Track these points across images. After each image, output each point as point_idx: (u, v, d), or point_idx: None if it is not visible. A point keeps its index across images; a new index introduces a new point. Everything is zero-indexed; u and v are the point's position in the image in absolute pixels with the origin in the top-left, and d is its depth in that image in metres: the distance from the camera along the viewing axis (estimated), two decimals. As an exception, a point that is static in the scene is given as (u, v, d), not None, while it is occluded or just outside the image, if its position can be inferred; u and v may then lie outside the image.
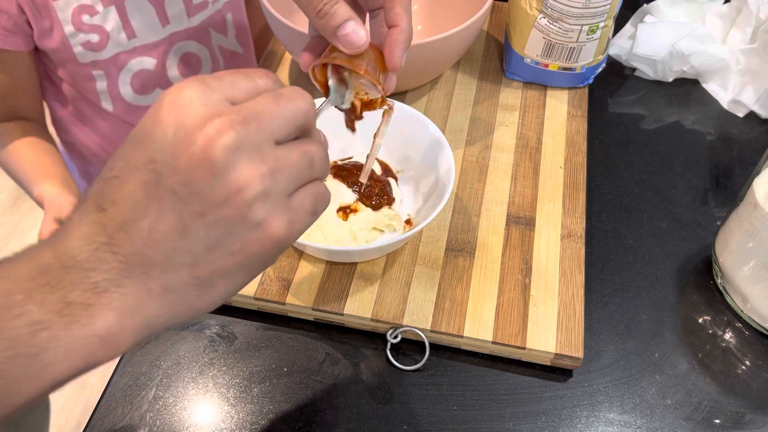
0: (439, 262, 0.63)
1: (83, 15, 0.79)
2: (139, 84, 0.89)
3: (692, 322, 0.63)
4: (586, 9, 0.71)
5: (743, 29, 0.84)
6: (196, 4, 0.87)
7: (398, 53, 0.46)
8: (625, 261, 0.67)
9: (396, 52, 0.46)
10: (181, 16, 0.86)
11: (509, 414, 0.56)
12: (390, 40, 0.46)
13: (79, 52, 0.82)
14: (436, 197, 0.63)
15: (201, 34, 0.90)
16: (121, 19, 0.81)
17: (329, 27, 0.43)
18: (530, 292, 0.61)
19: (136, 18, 0.82)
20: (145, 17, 0.83)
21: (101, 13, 0.80)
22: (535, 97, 0.80)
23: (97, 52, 0.83)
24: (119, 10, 0.81)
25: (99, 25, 0.81)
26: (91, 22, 0.80)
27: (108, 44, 0.83)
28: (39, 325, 0.30)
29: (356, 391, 0.57)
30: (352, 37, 0.43)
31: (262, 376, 0.58)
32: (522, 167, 0.72)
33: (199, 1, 0.87)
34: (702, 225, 0.70)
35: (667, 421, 0.56)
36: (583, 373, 0.59)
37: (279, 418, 0.56)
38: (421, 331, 0.59)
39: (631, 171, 0.76)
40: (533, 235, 0.66)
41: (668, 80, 0.86)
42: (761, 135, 0.80)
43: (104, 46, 0.83)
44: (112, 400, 0.57)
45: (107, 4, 0.80)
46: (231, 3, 0.93)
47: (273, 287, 0.61)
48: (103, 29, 0.81)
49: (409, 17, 0.47)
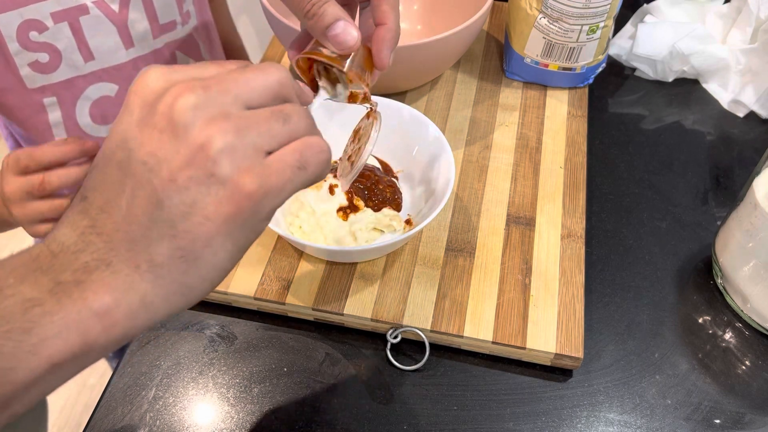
0: (439, 262, 0.63)
1: (30, 31, 0.70)
2: (99, 113, 0.80)
3: (692, 322, 0.63)
4: (586, 9, 0.71)
5: (743, 29, 0.84)
6: (163, 24, 0.79)
7: (386, 52, 0.45)
8: (625, 261, 0.67)
9: (383, 51, 0.45)
10: (146, 37, 0.78)
11: (509, 414, 0.56)
12: (377, 39, 0.45)
13: (26, 74, 0.73)
14: (436, 197, 0.63)
15: (170, 58, 0.82)
16: (76, 37, 0.72)
17: (318, 27, 0.43)
18: (530, 292, 0.61)
19: (94, 38, 0.73)
20: (104, 38, 0.74)
21: (51, 30, 0.71)
22: (535, 97, 0.80)
23: (47, 75, 0.73)
24: (73, 27, 0.72)
25: (49, 43, 0.71)
26: (40, 39, 0.71)
27: (60, 65, 0.73)
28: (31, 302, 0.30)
29: (356, 391, 0.57)
30: (342, 37, 0.43)
31: (262, 376, 0.58)
32: (522, 167, 0.72)
33: (166, 21, 0.79)
34: (702, 225, 0.70)
35: (667, 421, 0.56)
36: (583, 373, 0.59)
37: (279, 418, 0.56)
38: (421, 331, 0.59)
39: (631, 171, 0.76)
40: (533, 235, 0.66)
41: (668, 80, 0.86)
42: (761, 135, 0.80)
43: (56, 67, 0.73)
44: (112, 400, 0.57)
45: (58, 20, 0.71)
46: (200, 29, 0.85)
47: (273, 287, 0.61)
48: (53, 48, 0.72)
49: (397, 15, 0.46)
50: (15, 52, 0.70)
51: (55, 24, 0.70)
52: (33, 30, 0.70)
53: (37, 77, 0.73)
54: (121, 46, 0.76)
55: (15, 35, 0.69)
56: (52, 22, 0.70)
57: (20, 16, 0.69)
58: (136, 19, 0.75)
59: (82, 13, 0.71)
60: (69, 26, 0.71)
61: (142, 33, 0.77)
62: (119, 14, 0.74)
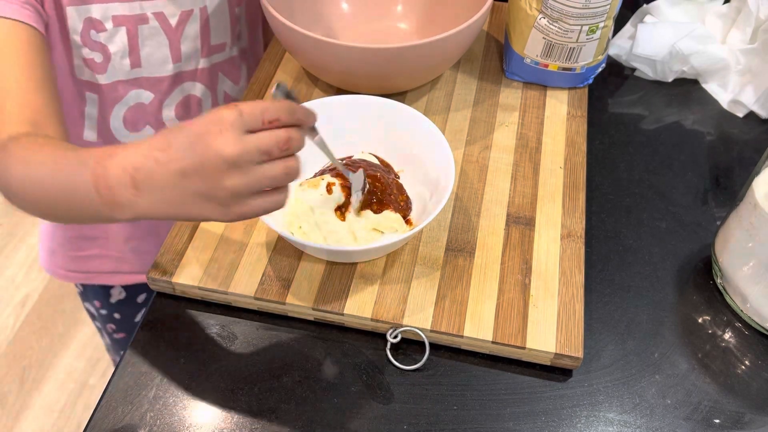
0: (439, 262, 0.63)
1: (91, 30, 0.72)
2: (132, 119, 0.80)
3: (692, 322, 0.63)
4: (586, 9, 0.71)
5: (743, 29, 0.84)
6: (213, 45, 0.80)
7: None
8: (625, 261, 0.67)
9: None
10: (195, 55, 0.79)
11: (509, 414, 0.56)
12: None
13: (78, 64, 0.74)
14: (436, 197, 0.63)
15: (211, 77, 0.83)
16: (130, 43, 0.74)
17: None
18: (530, 292, 0.61)
19: (146, 47, 0.75)
20: (155, 49, 0.76)
21: (109, 32, 0.73)
22: (535, 97, 0.80)
23: (97, 75, 0.75)
24: (129, 33, 0.73)
25: (103, 44, 0.73)
26: (97, 38, 0.73)
27: (108, 69, 0.75)
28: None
29: (356, 391, 0.57)
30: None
31: (262, 376, 0.58)
32: (522, 167, 0.72)
33: (217, 42, 0.81)
34: (702, 225, 0.71)
35: (667, 420, 0.56)
36: (583, 373, 0.59)
37: (279, 418, 0.56)
38: (421, 330, 0.59)
39: (631, 171, 0.76)
40: (533, 235, 0.66)
41: (668, 80, 0.86)
42: (761, 135, 0.80)
43: (104, 69, 0.75)
44: (113, 400, 0.57)
45: (118, 24, 0.72)
46: (248, 52, 0.87)
47: (273, 287, 0.61)
48: (106, 49, 0.74)
49: None
50: (75, 45, 0.72)
51: (114, 27, 0.72)
52: (92, 29, 0.72)
53: (86, 72, 0.75)
54: (168, 60, 0.77)
55: (80, 29, 0.71)
56: (111, 24, 0.72)
57: (86, 12, 0.70)
58: (190, 36, 0.77)
59: (142, 22, 0.73)
60: (126, 32, 0.73)
61: (192, 51, 0.78)
62: (175, 30, 0.75)
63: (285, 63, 0.85)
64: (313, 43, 0.70)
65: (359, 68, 0.71)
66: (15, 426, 1.48)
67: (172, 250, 0.63)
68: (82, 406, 1.52)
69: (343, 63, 0.71)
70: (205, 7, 0.77)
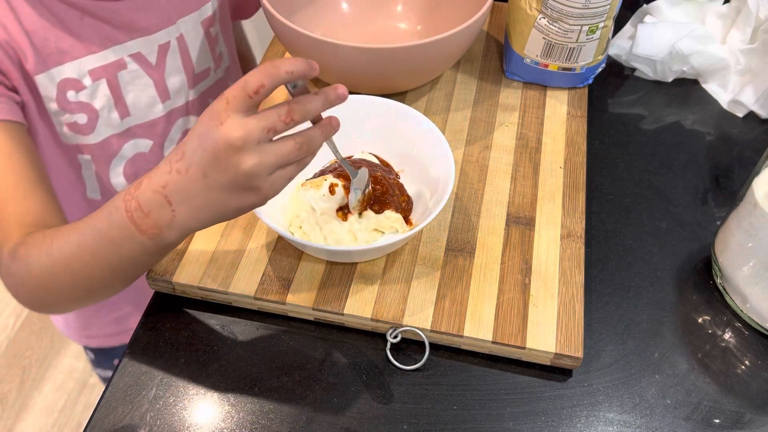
0: (439, 262, 0.63)
1: (68, 91, 0.67)
2: (133, 172, 0.76)
3: (692, 322, 0.63)
4: (585, 9, 0.71)
5: (743, 29, 0.84)
6: (198, 73, 0.77)
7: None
8: (625, 261, 0.67)
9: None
10: (182, 88, 0.76)
11: (509, 414, 0.56)
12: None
13: (63, 132, 0.70)
14: (436, 197, 0.63)
15: (202, 106, 0.80)
16: (113, 94, 0.70)
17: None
18: (530, 292, 0.61)
19: (131, 93, 0.71)
20: (141, 92, 0.72)
21: (89, 88, 0.68)
22: (535, 97, 0.80)
23: (85, 136, 0.71)
24: (111, 84, 0.69)
25: (87, 103, 0.68)
26: (78, 99, 0.68)
27: (97, 126, 0.70)
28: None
29: (356, 391, 0.57)
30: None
31: (262, 376, 0.58)
32: (522, 167, 0.72)
33: (201, 69, 0.78)
34: (702, 225, 0.71)
35: (667, 420, 0.57)
36: (583, 373, 0.59)
37: (279, 418, 0.56)
38: (421, 330, 0.59)
39: (631, 171, 0.76)
40: (533, 235, 0.66)
41: (668, 80, 0.86)
42: (761, 135, 0.80)
43: (93, 128, 0.70)
44: (113, 399, 0.57)
45: (96, 78, 0.68)
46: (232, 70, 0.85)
47: (273, 287, 0.61)
48: (91, 108, 0.69)
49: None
50: (53, 112, 0.68)
51: (93, 82, 0.68)
52: (70, 89, 0.67)
53: (72, 137, 0.71)
54: (157, 101, 0.74)
55: (54, 95, 0.67)
56: (90, 80, 0.68)
57: (59, 74, 0.66)
58: (173, 70, 0.74)
59: (120, 69, 0.69)
60: (107, 83, 0.69)
61: (179, 85, 0.75)
62: (156, 67, 0.72)
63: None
64: (313, 43, 0.70)
65: (359, 68, 0.71)
66: (15, 426, 1.48)
67: (173, 250, 0.63)
68: (82, 406, 1.52)
69: (343, 63, 0.71)
70: (181, 36, 0.73)
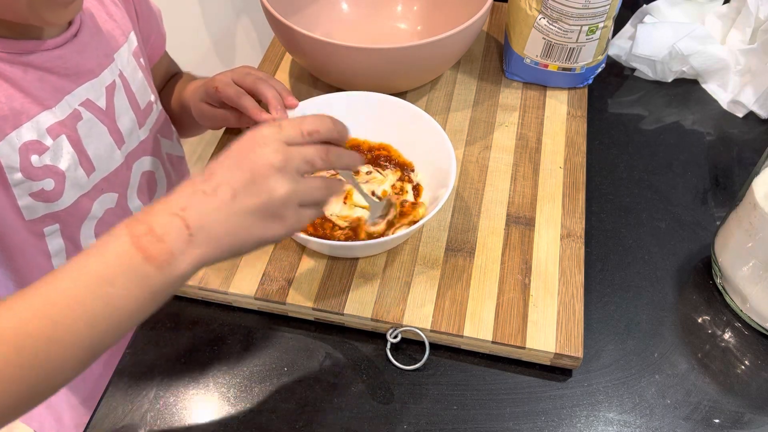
0: (439, 261, 0.63)
1: (31, 155, 0.60)
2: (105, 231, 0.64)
3: (692, 321, 0.63)
4: (585, 9, 0.71)
5: (743, 29, 0.84)
6: (144, 108, 0.73)
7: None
8: (625, 261, 0.67)
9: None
10: (134, 128, 0.71)
11: (509, 413, 0.56)
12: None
13: (25, 204, 0.62)
14: (436, 196, 0.63)
15: (153, 143, 0.76)
16: (76, 149, 0.64)
17: None
18: (530, 292, 0.61)
19: (91, 145, 0.65)
20: (99, 141, 0.67)
21: (52, 148, 0.61)
22: (534, 97, 0.80)
23: (52, 203, 0.64)
24: (72, 139, 0.63)
25: (51, 166, 0.62)
26: (43, 162, 0.61)
27: (65, 189, 0.64)
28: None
29: (356, 391, 0.58)
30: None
31: (262, 376, 0.58)
32: (522, 167, 0.72)
33: (145, 103, 0.73)
34: (701, 225, 0.71)
35: (667, 420, 0.57)
36: (583, 373, 0.59)
37: (279, 418, 0.56)
38: (421, 330, 0.59)
39: (631, 171, 0.76)
40: (533, 235, 0.66)
41: (668, 80, 0.86)
42: (761, 135, 0.80)
43: (60, 193, 0.64)
44: (113, 400, 0.57)
45: (56, 134, 0.62)
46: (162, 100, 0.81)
47: (273, 287, 0.61)
48: (56, 170, 0.62)
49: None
50: (16, 183, 0.60)
51: (54, 140, 0.62)
52: (33, 153, 0.60)
53: (39, 207, 0.63)
54: (114, 147, 0.69)
55: (18, 163, 0.60)
56: (50, 139, 0.61)
57: (19, 138, 0.59)
58: (122, 111, 0.69)
59: (77, 120, 0.64)
60: (67, 139, 0.63)
61: (129, 126, 0.71)
62: (107, 111, 0.67)
63: (285, 63, 0.85)
64: (313, 43, 0.70)
65: (359, 68, 0.71)
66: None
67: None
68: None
69: (343, 63, 0.71)
70: (121, 72, 0.69)
